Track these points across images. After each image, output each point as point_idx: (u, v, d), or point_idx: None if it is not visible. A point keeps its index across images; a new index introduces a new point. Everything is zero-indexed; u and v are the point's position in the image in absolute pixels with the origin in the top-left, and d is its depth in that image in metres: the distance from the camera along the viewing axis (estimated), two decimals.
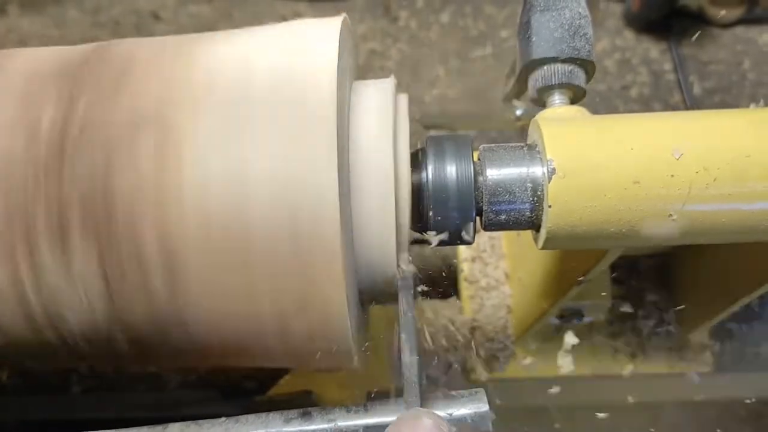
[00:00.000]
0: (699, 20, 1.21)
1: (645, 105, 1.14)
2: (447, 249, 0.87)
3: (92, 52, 0.47)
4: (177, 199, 0.41)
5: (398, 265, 0.47)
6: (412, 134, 0.49)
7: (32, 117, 0.44)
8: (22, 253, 0.43)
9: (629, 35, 1.22)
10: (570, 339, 0.79)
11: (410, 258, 0.48)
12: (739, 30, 1.22)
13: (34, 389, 0.84)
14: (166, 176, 0.41)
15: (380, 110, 0.47)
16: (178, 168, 0.41)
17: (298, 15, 1.23)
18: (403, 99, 0.50)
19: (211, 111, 0.42)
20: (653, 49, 1.20)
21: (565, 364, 0.82)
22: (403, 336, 0.43)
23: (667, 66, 1.18)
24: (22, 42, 1.19)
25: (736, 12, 1.20)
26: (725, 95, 1.15)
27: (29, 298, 0.44)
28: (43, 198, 0.42)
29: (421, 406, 0.41)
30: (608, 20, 1.23)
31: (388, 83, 0.50)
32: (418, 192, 0.47)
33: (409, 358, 0.42)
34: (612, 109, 1.15)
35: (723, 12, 1.18)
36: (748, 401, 1.05)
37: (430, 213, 0.46)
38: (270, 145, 0.41)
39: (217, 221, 0.41)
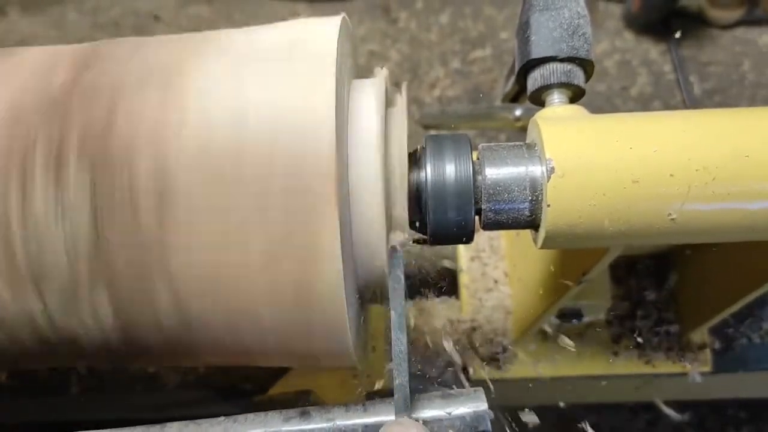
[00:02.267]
0: (699, 21, 1.22)
1: (645, 106, 1.15)
2: (446, 249, 0.87)
3: (73, 84, 0.46)
4: (176, 135, 0.42)
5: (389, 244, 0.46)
6: (412, 134, 0.49)
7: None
8: (15, 187, 0.43)
9: (629, 36, 1.22)
10: (566, 341, 0.78)
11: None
12: (739, 31, 1.22)
13: (32, 391, 0.84)
14: (168, 114, 0.42)
15: (376, 109, 0.47)
16: (181, 108, 0.43)
17: (297, 16, 1.23)
18: (401, 98, 0.50)
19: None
20: (653, 50, 1.20)
21: (564, 364, 0.82)
22: (392, 312, 0.42)
23: (667, 67, 1.19)
24: (22, 42, 1.19)
25: (736, 13, 1.20)
26: (725, 96, 1.15)
27: (13, 230, 0.43)
28: (45, 137, 0.43)
29: (410, 405, 0.41)
30: (608, 21, 1.23)
31: (383, 81, 0.50)
32: (417, 191, 0.47)
33: (398, 335, 0.41)
34: (612, 110, 1.15)
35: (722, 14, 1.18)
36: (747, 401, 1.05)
37: (429, 212, 0.46)
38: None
39: (216, 154, 0.42)
